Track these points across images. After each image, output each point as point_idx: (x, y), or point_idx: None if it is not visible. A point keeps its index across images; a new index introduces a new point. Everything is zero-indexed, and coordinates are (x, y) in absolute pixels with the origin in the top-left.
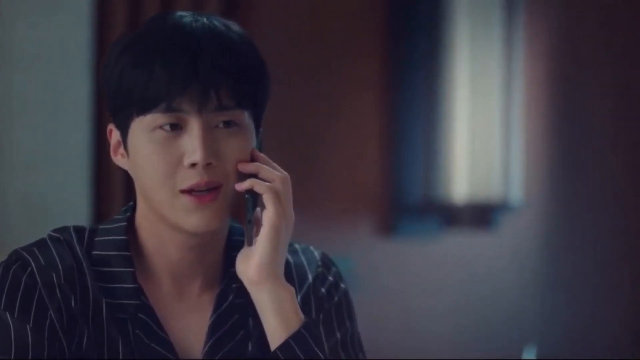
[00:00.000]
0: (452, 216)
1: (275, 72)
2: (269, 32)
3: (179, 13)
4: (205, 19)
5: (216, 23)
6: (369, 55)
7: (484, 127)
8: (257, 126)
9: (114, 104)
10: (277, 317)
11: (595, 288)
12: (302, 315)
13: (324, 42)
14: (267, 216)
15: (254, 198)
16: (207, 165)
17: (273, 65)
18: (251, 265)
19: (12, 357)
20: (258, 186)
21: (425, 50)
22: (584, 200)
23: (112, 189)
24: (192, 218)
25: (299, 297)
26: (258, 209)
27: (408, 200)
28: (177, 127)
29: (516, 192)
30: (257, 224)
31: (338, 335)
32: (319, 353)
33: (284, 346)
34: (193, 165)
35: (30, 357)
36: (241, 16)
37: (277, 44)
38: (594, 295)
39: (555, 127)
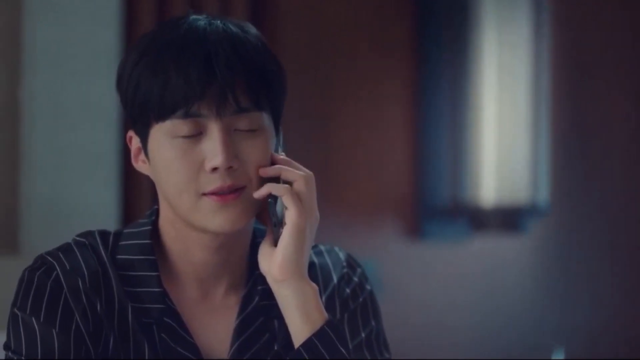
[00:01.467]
0: (479, 219)
1: (301, 72)
2: (295, 30)
3: (193, 16)
4: (219, 22)
5: (230, 25)
6: (396, 58)
7: (512, 129)
8: (277, 127)
9: (133, 112)
10: (300, 314)
11: (622, 291)
12: (325, 314)
13: (350, 43)
14: (290, 216)
15: (277, 201)
16: (229, 169)
17: (299, 64)
18: (275, 263)
19: None
20: (275, 189)
21: (453, 52)
22: (611, 204)
23: (140, 191)
24: (218, 218)
25: (323, 298)
26: (285, 209)
27: (435, 204)
28: (197, 132)
29: (543, 196)
30: (283, 224)
31: (363, 334)
32: (343, 352)
33: (308, 344)
34: (215, 169)
35: None
36: (267, 13)
37: (304, 43)
38: (621, 298)
39: (582, 130)
